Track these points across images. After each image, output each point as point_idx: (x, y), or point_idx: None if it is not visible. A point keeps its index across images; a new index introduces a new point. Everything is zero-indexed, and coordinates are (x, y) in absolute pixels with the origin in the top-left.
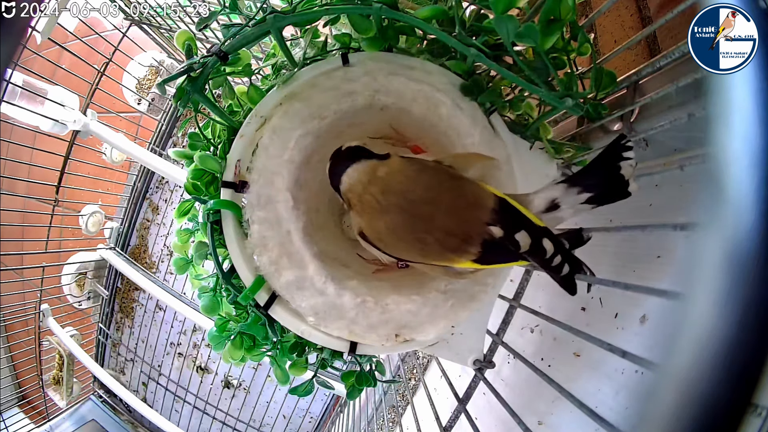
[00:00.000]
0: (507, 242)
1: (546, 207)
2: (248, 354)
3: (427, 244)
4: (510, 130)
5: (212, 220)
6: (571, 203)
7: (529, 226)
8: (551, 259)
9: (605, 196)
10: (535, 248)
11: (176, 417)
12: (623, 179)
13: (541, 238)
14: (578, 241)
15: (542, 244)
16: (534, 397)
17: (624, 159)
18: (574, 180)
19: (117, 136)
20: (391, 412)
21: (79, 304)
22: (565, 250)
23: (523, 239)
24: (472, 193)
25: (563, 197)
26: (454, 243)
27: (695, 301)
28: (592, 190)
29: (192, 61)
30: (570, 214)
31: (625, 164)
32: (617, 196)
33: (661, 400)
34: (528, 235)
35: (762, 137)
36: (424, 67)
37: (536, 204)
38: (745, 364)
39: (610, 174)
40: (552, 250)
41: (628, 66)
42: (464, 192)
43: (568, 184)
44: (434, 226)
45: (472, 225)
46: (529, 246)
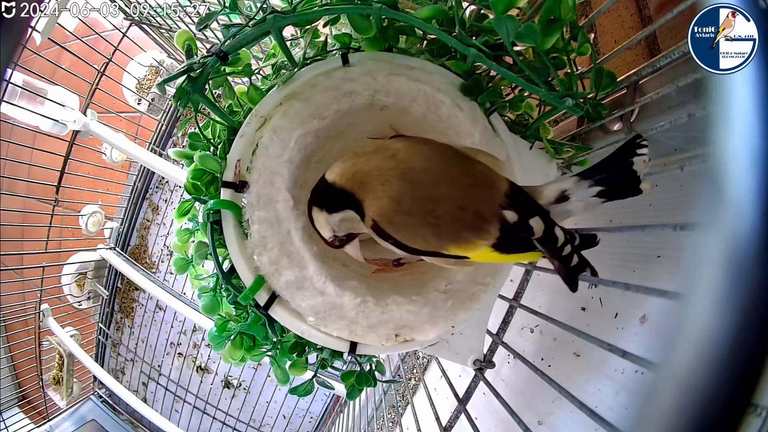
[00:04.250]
0: (521, 227)
1: (556, 198)
2: (248, 354)
3: (439, 218)
4: (510, 130)
5: (212, 220)
6: (582, 196)
7: (542, 213)
8: (562, 249)
9: (616, 191)
10: (547, 235)
11: (176, 417)
12: (635, 175)
13: (554, 226)
14: (589, 242)
15: (554, 232)
16: (534, 397)
17: (638, 155)
18: (586, 173)
19: (117, 136)
20: (391, 412)
21: (79, 304)
22: (574, 242)
23: (537, 225)
24: (483, 173)
25: (574, 190)
26: (469, 219)
27: (695, 301)
28: (603, 184)
29: (192, 61)
30: (580, 207)
31: (638, 159)
32: (628, 193)
33: (661, 400)
34: (541, 221)
35: (762, 137)
36: (424, 67)
37: (546, 195)
38: (745, 364)
39: (623, 170)
40: (563, 239)
41: (628, 66)
42: (473, 171)
43: (579, 177)
44: (441, 195)
45: (484, 204)
46: (542, 232)
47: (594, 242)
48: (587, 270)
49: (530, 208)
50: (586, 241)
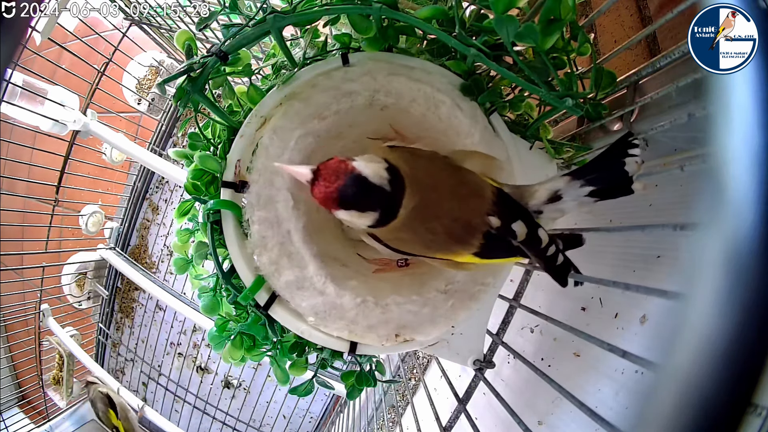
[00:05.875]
0: (504, 232)
1: (548, 198)
2: (248, 354)
3: (436, 234)
4: (510, 130)
5: (212, 220)
6: (574, 196)
7: (526, 216)
8: (546, 249)
9: (608, 191)
10: (530, 238)
11: (176, 417)
12: (627, 176)
13: (537, 228)
14: (575, 242)
15: (538, 234)
16: (534, 397)
17: (629, 156)
18: (578, 173)
19: (117, 136)
20: (391, 412)
21: (79, 304)
22: (558, 244)
23: (519, 229)
24: (473, 182)
25: (566, 189)
26: (459, 232)
27: (695, 301)
28: (595, 184)
29: (192, 61)
30: (572, 206)
31: (629, 160)
32: (620, 192)
33: (660, 400)
34: (524, 224)
35: (762, 137)
36: (424, 67)
37: (539, 195)
38: (745, 364)
39: (615, 170)
40: (547, 240)
41: (628, 66)
42: (465, 180)
43: (571, 177)
44: (443, 212)
45: (474, 214)
46: (525, 235)
47: (580, 242)
48: (574, 271)
49: (514, 212)
50: (573, 241)
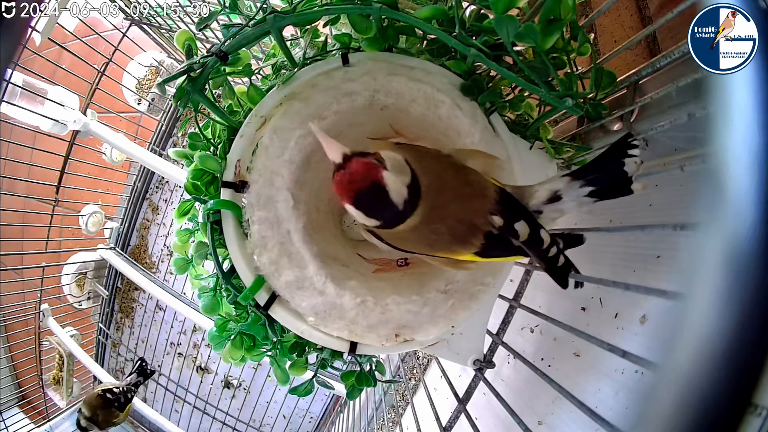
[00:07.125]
0: (506, 231)
1: (548, 198)
2: (248, 354)
3: (439, 234)
4: (510, 130)
5: (212, 220)
6: (573, 196)
7: (528, 217)
8: (548, 250)
9: (608, 192)
10: (533, 238)
11: (176, 417)
12: (626, 176)
13: (539, 228)
14: (576, 241)
15: (540, 234)
16: (534, 397)
17: (629, 156)
18: (578, 174)
19: (117, 136)
20: (391, 412)
21: (79, 304)
22: (560, 244)
23: (522, 229)
24: (476, 181)
25: (566, 190)
26: (462, 232)
27: (695, 301)
28: (595, 184)
29: (192, 61)
30: (572, 207)
31: (629, 161)
32: (619, 193)
33: (660, 400)
34: (527, 224)
35: (762, 137)
36: (424, 67)
37: (539, 195)
38: (745, 364)
39: (614, 170)
40: (549, 241)
41: (628, 66)
42: (469, 179)
43: (571, 177)
44: (448, 213)
45: (477, 215)
46: (527, 236)
47: (580, 241)
48: (572, 270)
49: (516, 212)
50: (573, 241)
